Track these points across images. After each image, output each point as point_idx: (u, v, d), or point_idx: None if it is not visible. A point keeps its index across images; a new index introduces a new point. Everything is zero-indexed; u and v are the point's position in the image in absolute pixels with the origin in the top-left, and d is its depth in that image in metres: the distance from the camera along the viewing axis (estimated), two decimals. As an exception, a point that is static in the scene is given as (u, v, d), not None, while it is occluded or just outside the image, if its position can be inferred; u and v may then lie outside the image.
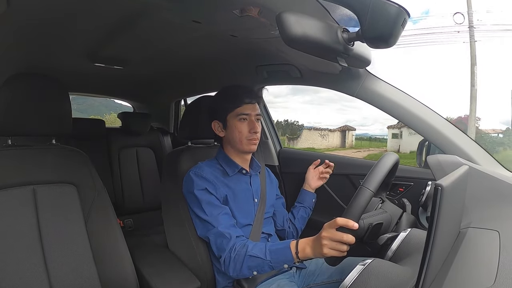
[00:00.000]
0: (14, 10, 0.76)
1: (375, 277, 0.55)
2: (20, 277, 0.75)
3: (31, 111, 0.84)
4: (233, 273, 0.82)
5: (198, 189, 0.89)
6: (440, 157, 0.85)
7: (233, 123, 0.94)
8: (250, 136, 0.94)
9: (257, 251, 0.79)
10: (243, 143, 0.94)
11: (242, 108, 0.93)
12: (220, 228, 0.84)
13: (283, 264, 0.77)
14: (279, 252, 0.77)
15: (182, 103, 2.30)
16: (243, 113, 0.93)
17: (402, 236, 0.70)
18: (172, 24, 0.90)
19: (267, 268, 0.78)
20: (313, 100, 22.66)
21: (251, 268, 0.79)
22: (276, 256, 0.77)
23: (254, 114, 0.95)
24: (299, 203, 1.17)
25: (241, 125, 0.94)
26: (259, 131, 0.96)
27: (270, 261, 0.77)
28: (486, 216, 0.68)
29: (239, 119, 0.94)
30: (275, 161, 1.52)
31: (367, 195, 0.67)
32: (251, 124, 0.94)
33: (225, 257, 0.82)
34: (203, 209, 0.87)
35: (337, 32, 0.66)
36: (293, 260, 0.75)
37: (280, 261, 0.77)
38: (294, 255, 0.75)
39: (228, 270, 0.82)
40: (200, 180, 0.90)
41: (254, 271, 0.79)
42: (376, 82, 1.01)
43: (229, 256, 0.81)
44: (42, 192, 0.83)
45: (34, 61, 1.26)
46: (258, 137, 0.97)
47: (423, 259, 0.39)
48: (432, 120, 0.94)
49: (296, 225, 1.13)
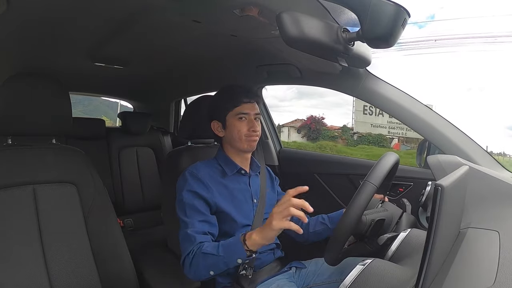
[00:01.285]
0: (14, 10, 0.76)
1: (375, 277, 0.55)
2: (20, 276, 0.75)
3: (31, 111, 0.84)
4: (191, 275, 0.80)
5: (187, 190, 0.87)
6: (440, 157, 0.85)
7: (232, 122, 0.94)
8: (249, 134, 0.93)
9: (210, 249, 0.77)
10: (243, 141, 0.94)
11: (240, 107, 0.93)
12: (189, 231, 0.82)
13: (236, 259, 0.73)
14: (230, 246, 0.75)
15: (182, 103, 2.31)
16: (242, 112, 0.93)
17: (402, 236, 0.69)
18: (172, 23, 0.90)
19: (222, 265, 0.75)
20: (319, 104, 22.53)
21: (207, 267, 0.77)
22: (227, 250, 0.74)
23: (253, 113, 0.94)
24: (327, 222, 1.03)
25: (240, 124, 0.93)
26: (258, 129, 0.95)
27: (223, 256, 0.74)
28: (486, 216, 0.68)
29: (238, 118, 0.93)
30: (275, 161, 1.52)
31: (370, 189, 0.67)
32: (250, 123, 0.94)
33: (185, 259, 0.80)
34: (185, 210, 0.86)
35: (337, 32, 0.66)
36: (244, 253, 0.72)
37: (232, 255, 0.73)
38: (243, 245, 0.72)
39: (187, 272, 0.80)
40: (193, 180, 0.89)
41: (211, 271, 0.76)
42: (376, 82, 1.01)
43: (188, 257, 0.79)
44: (42, 192, 0.83)
45: (34, 61, 1.26)
46: (258, 136, 0.96)
47: (423, 259, 0.39)
48: (432, 120, 0.94)
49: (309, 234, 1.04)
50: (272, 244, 1.01)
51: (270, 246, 1.00)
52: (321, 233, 1.02)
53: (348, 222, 0.67)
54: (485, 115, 15.24)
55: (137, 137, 1.98)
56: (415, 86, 20.09)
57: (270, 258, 1.00)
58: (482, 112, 15.66)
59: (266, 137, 1.54)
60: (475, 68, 17.38)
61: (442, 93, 18.30)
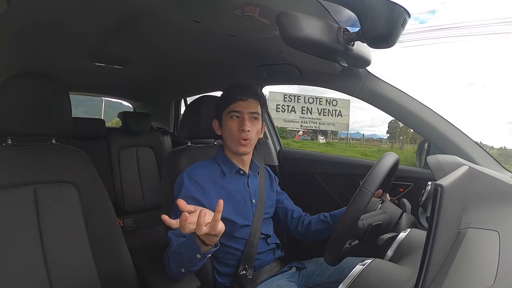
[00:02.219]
0: (14, 10, 0.76)
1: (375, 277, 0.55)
2: (20, 277, 0.75)
3: (31, 111, 0.84)
4: (170, 274, 0.80)
5: (182, 195, 0.86)
6: (440, 157, 0.85)
7: (225, 121, 0.93)
8: (239, 135, 0.90)
9: (175, 247, 0.77)
10: (233, 143, 0.91)
11: (234, 105, 0.91)
12: (169, 233, 0.83)
13: (195, 254, 0.70)
14: (186, 242, 0.74)
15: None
16: (234, 110, 0.90)
17: (402, 236, 0.69)
18: (172, 24, 0.90)
19: (186, 262, 0.74)
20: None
21: (176, 265, 0.77)
22: (185, 247, 0.73)
23: (246, 111, 0.91)
24: (329, 220, 1.02)
25: (232, 123, 0.91)
26: (249, 130, 0.90)
27: (184, 253, 0.73)
28: (486, 216, 0.68)
29: (230, 116, 0.91)
30: (275, 161, 1.52)
31: (366, 196, 0.67)
32: (240, 122, 0.90)
33: (164, 260, 0.81)
34: (176, 214, 0.85)
35: (337, 32, 0.66)
36: (198, 247, 0.68)
37: (189, 251, 0.71)
38: (196, 240, 0.68)
39: (167, 272, 0.81)
40: (190, 183, 0.88)
41: (182, 269, 0.76)
42: (376, 82, 1.01)
43: (164, 258, 0.81)
44: (42, 192, 0.83)
45: (34, 61, 1.26)
46: (249, 138, 0.91)
47: (423, 259, 0.39)
48: (432, 120, 0.94)
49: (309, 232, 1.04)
50: (272, 244, 1.01)
51: (270, 246, 1.00)
52: (323, 231, 1.01)
53: (344, 228, 0.68)
54: (487, 111, 15.30)
55: (137, 137, 1.99)
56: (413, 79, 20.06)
57: (270, 258, 1.00)
58: (484, 108, 15.74)
59: (266, 137, 1.54)
60: (478, 63, 17.51)
61: (443, 89, 18.30)
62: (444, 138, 0.92)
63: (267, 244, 0.99)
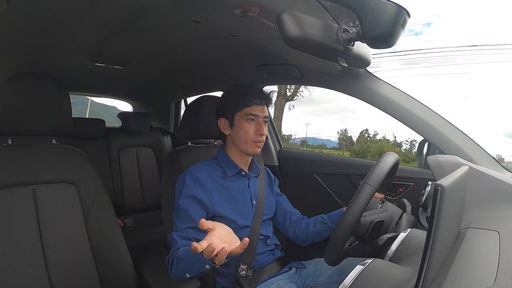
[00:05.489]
0: (14, 10, 0.76)
1: (375, 277, 0.55)
2: (20, 276, 0.75)
3: (31, 111, 0.84)
4: (172, 276, 0.80)
5: (184, 194, 0.86)
6: (440, 157, 0.85)
7: (240, 122, 0.93)
8: (256, 138, 0.92)
9: (183, 253, 0.76)
10: (248, 145, 0.93)
11: (251, 108, 0.92)
12: (175, 235, 0.82)
13: (204, 265, 0.69)
14: (197, 253, 0.70)
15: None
16: (252, 114, 0.92)
17: (402, 236, 0.69)
18: (172, 24, 0.90)
19: (193, 269, 0.74)
20: (316, 111, 22.30)
21: (182, 270, 0.76)
22: (196, 257, 0.69)
23: (262, 116, 0.93)
24: (327, 221, 1.02)
25: (248, 126, 0.92)
26: (265, 133, 0.94)
27: (193, 262, 0.73)
28: (486, 216, 0.68)
29: (247, 119, 0.92)
30: (275, 161, 1.52)
31: (369, 191, 0.67)
32: (258, 126, 0.92)
33: (168, 261, 0.81)
34: (179, 214, 0.86)
35: (337, 32, 0.66)
36: (208, 261, 0.67)
37: (199, 261, 0.70)
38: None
39: (170, 273, 0.80)
40: (193, 183, 0.88)
41: (187, 273, 0.76)
42: (376, 82, 1.01)
43: (169, 260, 0.80)
44: (42, 192, 0.83)
45: (34, 61, 1.26)
46: (263, 140, 0.95)
47: (423, 259, 0.39)
48: (432, 120, 0.94)
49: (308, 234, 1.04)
50: (272, 245, 1.01)
51: (270, 247, 1.01)
52: (321, 232, 1.02)
53: (347, 223, 0.67)
54: (482, 123, 15.27)
55: (137, 137, 1.98)
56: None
57: (270, 259, 1.00)
58: (479, 120, 15.71)
59: (266, 138, 1.54)
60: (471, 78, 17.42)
61: (437, 100, 18.36)
62: (444, 138, 0.92)
63: (266, 245, 0.99)
